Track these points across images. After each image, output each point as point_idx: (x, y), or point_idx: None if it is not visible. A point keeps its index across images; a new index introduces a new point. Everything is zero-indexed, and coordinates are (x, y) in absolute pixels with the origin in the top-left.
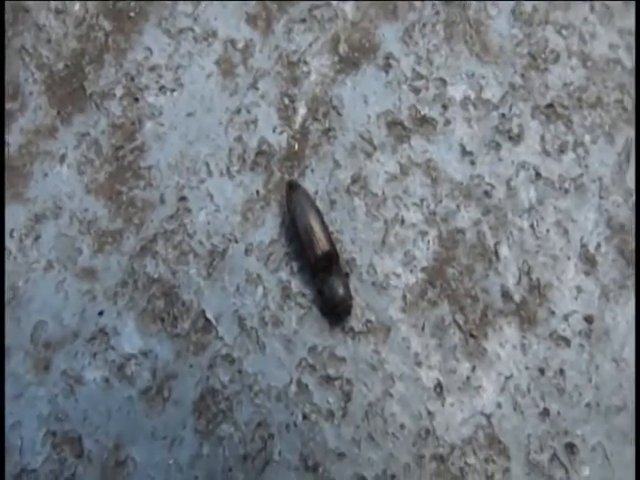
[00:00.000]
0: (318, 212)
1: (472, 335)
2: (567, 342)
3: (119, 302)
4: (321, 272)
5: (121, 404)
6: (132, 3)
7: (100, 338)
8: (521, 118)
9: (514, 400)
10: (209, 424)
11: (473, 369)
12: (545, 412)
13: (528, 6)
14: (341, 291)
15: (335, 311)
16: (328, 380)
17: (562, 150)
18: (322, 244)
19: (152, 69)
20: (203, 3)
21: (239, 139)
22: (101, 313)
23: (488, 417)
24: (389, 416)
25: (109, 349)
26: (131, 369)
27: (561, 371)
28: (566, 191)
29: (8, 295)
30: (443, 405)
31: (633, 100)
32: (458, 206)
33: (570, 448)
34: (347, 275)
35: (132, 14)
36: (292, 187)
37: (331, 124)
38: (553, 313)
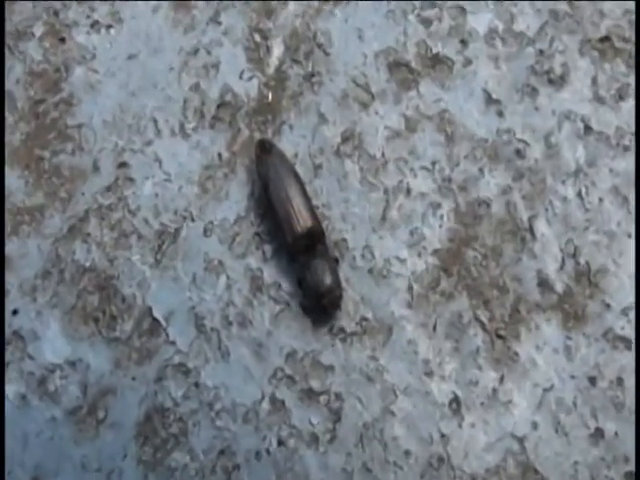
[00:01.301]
0: (298, 179)
1: (499, 336)
2: (627, 343)
3: (39, 298)
4: (302, 255)
5: (42, 427)
6: None
7: (14, 344)
8: (565, 55)
9: (555, 418)
10: (157, 452)
11: (501, 379)
12: (598, 433)
13: None
14: (328, 278)
15: (320, 304)
16: (311, 395)
17: (620, 96)
18: (303, 219)
19: (81, 0)
20: None
21: (196, 88)
22: (15, 312)
23: (520, 440)
24: (390, 440)
25: (26, 358)
26: (55, 383)
27: (619, 380)
28: (625, 148)
29: None
30: (461, 426)
31: None
32: (481, 170)
33: (631, 479)
34: (336, 261)
35: None
36: (264, 148)
37: (315, 67)
38: (608, 306)
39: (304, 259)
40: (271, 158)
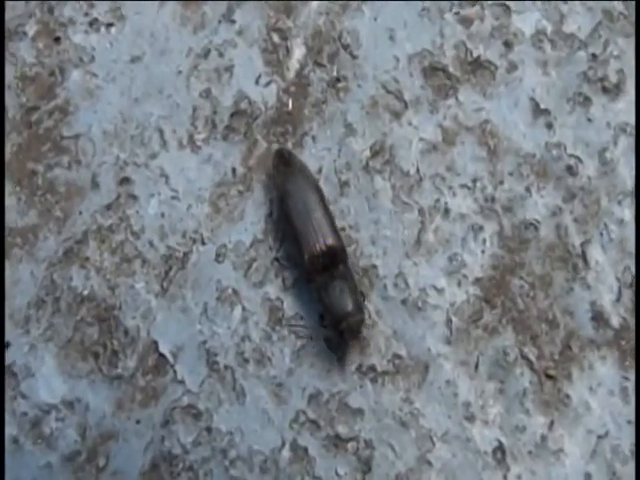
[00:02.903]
0: (320, 193)
1: (549, 376)
2: None
3: (33, 330)
4: (320, 276)
5: (36, 475)
6: None
7: (6, 381)
8: (621, 61)
9: (611, 469)
10: None
11: (550, 425)
12: None
13: None
14: (347, 301)
15: (338, 330)
16: (337, 442)
17: None
18: (322, 236)
19: None
20: None
21: (206, 94)
22: (7, 345)
23: None
24: None
25: (18, 397)
26: (50, 426)
27: None
28: None
29: None
30: (506, 477)
31: None
32: (528, 189)
33: None
34: (361, 294)
35: None
36: (283, 158)
37: (341, 71)
38: None
39: (322, 280)
40: (290, 169)
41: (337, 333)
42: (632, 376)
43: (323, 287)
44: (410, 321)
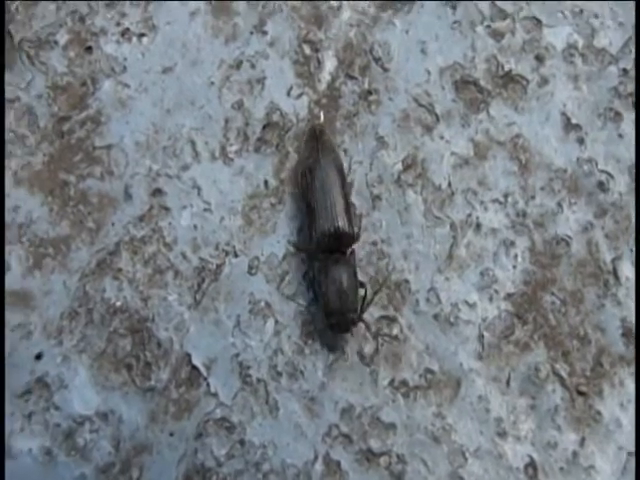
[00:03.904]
0: (342, 179)
1: (580, 392)
2: None
3: (65, 341)
4: (324, 255)
5: None
6: None
7: (38, 392)
8: None
9: None
10: None
11: (582, 442)
12: None
13: None
14: (343, 296)
15: (328, 322)
16: (370, 456)
17: None
18: (335, 217)
19: (111, 5)
20: None
21: (238, 106)
22: (39, 356)
23: None
24: None
25: (51, 408)
26: (84, 438)
27: None
28: None
29: None
30: None
31: None
32: (559, 204)
33: None
34: (363, 285)
35: None
36: (315, 136)
37: (372, 84)
38: None
39: (325, 262)
40: (319, 147)
41: (327, 324)
42: None
43: (324, 271)
44: (442, 336)
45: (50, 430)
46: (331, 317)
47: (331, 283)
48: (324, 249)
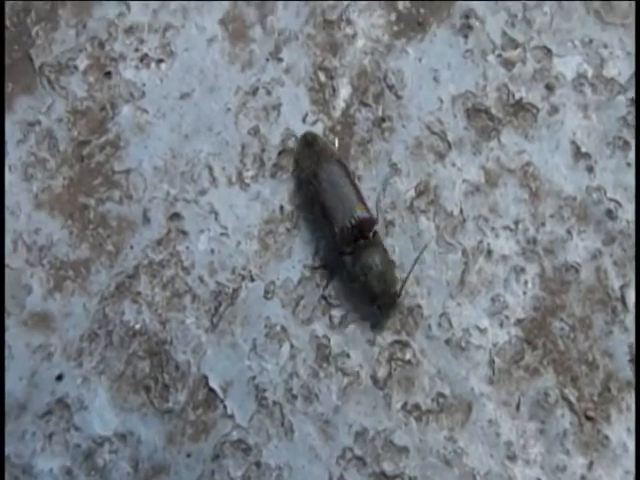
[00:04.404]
0: (347, 172)
1: (589, 417)
2: None
3: (85, 363)
4: (350, 247)
5: None
6: None
7: (58, 413)
8: None
9: None
10: None
11: (590, 465)
12: None
13: None
14: (381, 275)
15: (376, 305)
16: (383, 479)
17: None
18: (351, 209)
19: (130, 31)
20: None
21: (255, 132)
22: (59, 378)
23: None
24: None
25: (71, 429)
26: (103, 458)
27: None
28: None
29: None
30: None
31: None
32: (569, 231)
33: None
34: (394, 263)
35: None
36: (307, 141)
37: (386, 111)
38: None
39: (355, 252)
40: (315, 151)
41: (375, 308)
42: None
43: (357, 260)
44: (454, 361)
45: (70, 450)
46: (377, 299)
47: (367, 269)
48: (349, 241)
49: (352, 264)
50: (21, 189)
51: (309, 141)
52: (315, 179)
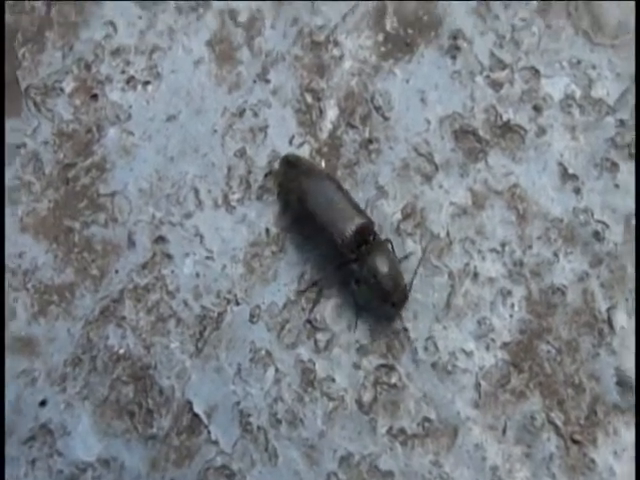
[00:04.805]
0: (337, 184)
1: (575, 441)
2: None
3: (69, 388)
4: (354, 254)
5: None
6: None
7: (42, 438)
8: None
9: None
10: None
11: None
12: None
13: None
14: (390, 274)
15: (389, 303)
16: None
17: None
18: (349, 218)
19: (116, 52)
20: None
21: (241, 154)
22: (43, 403)
23: None
24: None
25: (55, 455)
26: None
27: None
28: None
29: None
30: None
31: None
32: (556, 253)
33: None
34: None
35: None
36: (290, 163)
37: (373, 132)
38: None
39: (359, 258)
40: (301, 170)
41: (388, 306)
42: None
43: (365, 265)
44: (440, 384)
45: (53, 476)
46: (390, 297)
47: (375, 270)
48: (353, 249)
49: (359, 270)
50: (6, 213)
51: (292, 162)
52: (305, 197)
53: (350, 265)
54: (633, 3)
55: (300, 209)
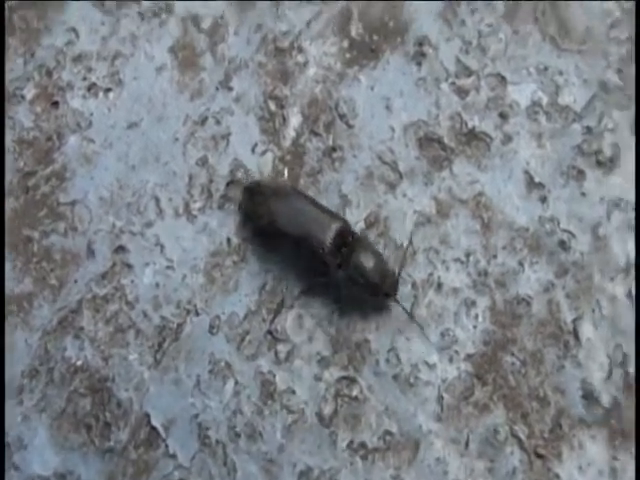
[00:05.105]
0: (304, 195)
1: (539, 455)
2: None
3: (26, 401)
4: (336, 257)
5: None
6: None
7: None
8: (615, 134)
9: None
10: None
11: None
12: None
13: None
14: (376, 268)
15: (381, 293)
16: None
17: None
18: (327, 225)
19: (78, 59)
20: None
21: (203, 162)
22: None
23: None
24: None
25: (11, 469)
26: None
27: None
28: None
29: None
30: None
31: None
32: (521, 263)
33: None
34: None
35: None
36: (254, 190)
37: (337, 140)
38: None
39: (343, 258)
40: (267, 193)
41: (380, 299)
42: (622, 456)
43: (351, 264)
44: (402, 397)
45: None
46: (381, 289)
47: (361, 267)
48: (334, 252)
49: (346, 271)
50: None
51: (254, 189)
52: (276, 218)
53: (334, 271)
54: (600, 6)
55: (274, 230)
